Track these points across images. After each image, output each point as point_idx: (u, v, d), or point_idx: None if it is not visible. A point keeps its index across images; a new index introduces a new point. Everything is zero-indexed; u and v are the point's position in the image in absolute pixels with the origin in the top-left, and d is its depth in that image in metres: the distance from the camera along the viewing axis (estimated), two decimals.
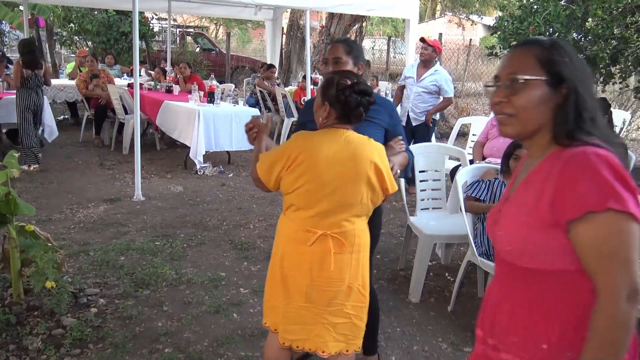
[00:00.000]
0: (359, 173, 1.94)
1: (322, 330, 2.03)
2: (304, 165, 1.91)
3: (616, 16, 4.31)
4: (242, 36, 24.65)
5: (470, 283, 3.77)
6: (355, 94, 1.93)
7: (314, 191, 1.93)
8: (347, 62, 2.32)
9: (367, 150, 1.97)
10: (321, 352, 2.05)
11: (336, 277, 1.99)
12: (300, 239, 1.99)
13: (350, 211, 1.98)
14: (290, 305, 2.05)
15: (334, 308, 2.01)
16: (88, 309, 3.15)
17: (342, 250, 1.98)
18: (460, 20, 19.89)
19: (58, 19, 13.28)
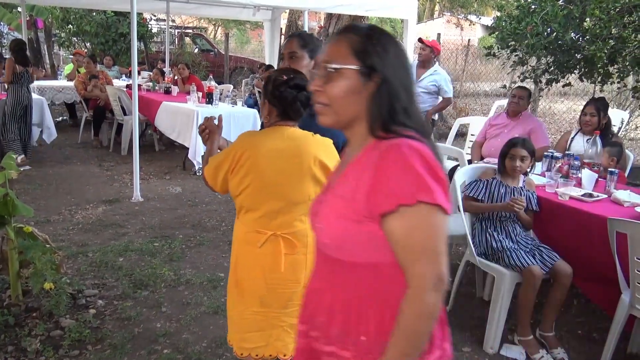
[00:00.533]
0: (302, 169, 1.92)
1: (281, 334, 2.00)
2: (247, 164, 1.90)
3: (614, 16, 4.31)
4: (240, 37, 24.62)
5: (468, 283, 3.77)
6: (291, 89, 1.91)
7: (259, 190, 1.92)
8: (302, 56, 2.26)
9: (311, 146, 1.93)
10: (282, 355, 2.03)
11: (290, 278, 1.96)
12: (251, 240, 1.96)
13: (299, 210, 1.94)
14: (246, 312, 2.00)
15: (291, 309, 1.96)
16: (87, 310, 3.15)
17: (294, 251, 1.95)
18: (458, 21, 19.90)
19: (56, 20, 13.27)
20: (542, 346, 2.96)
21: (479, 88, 12.34)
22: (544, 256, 2.93)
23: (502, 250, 2.98)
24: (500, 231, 3.09)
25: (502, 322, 2.97)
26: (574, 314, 3.43)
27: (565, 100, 10.03)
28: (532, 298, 2.89)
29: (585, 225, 2.88)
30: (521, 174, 3.18)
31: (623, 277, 2.65)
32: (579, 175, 3.43)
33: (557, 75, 5.08)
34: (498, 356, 2.94)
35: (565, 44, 4.53)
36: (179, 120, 6.66)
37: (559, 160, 3.63)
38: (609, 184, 3.25)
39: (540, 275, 2.84)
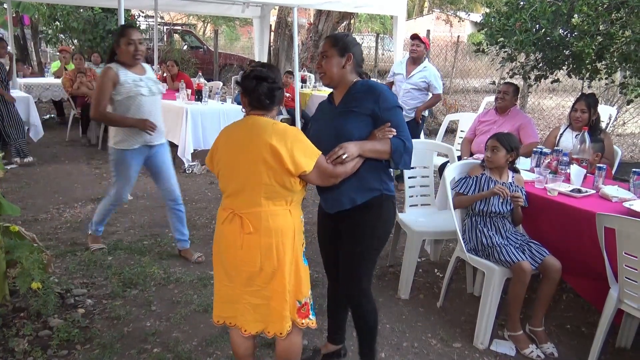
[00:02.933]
0: (255, 154, 2.05)
1: (243, 310, 2.18)
2: (219, 151, 2.16)
3: (601, 12, 4.33)
4: (230, 34, 24.50)
5: (459, 279, 3.79)
6: (250, 80, 2.10)
7: (225, 174, 2.14)
8: (332, 54, 2.34)
9: (266, 133, 2.05)
10: (243, 330, 2.20)
11: (247, 258, 2.11)
12: (220, 218, 2.18)
13: (254, 192, 2.08)
14: (220, 283, 2.23)
15: (252, 289, 2.14)
16: (75, 310, 3.12)
17: (249, 231, 2.08)
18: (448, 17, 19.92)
19: (43, 16, 13.11)
20: (531, 341, 2.98)
21: (469, 84, 12.39)
22: (534, 251, 2.95)
23: (492, 246, 3.00)
24: (490, 227, 3.10)
25: (492, 317, 2.98)
26: (563, 308, 3.45)
27: (554, 97, 10.09)
28: (522, 293, 2.91)
29: (574, 221, 2.90)
30: (509, 170, 3.18)
31: (611, 272, 2.68)
32: (568, 171, 3.46)
33: (545, 72, 5.10)
34: (488, 351, 2.96)
35: (554, 40, 4.55)
36: (168, 118, 6.60)
37: (548, 156, 3.65)
38: (597, 180, 3.27)
39: (529, 270, 2.86)
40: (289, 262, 2.14)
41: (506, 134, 3.21)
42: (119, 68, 3.50)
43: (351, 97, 2.32)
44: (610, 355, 2.94)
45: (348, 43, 2.34)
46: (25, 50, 13.98)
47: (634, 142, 8.75)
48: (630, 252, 2.48)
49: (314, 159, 2.10)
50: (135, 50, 3.45)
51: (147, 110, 3.60)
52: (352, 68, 2.35)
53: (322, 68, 2.37)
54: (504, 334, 3.06)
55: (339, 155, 2.14)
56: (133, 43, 3.42)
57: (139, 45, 3.45)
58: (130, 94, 3.50)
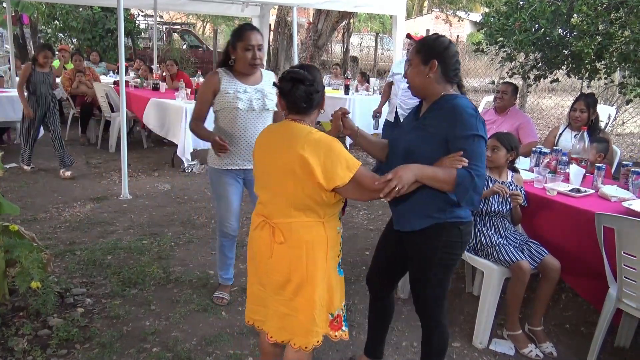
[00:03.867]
0: (286, 163, 1.96)
1: (272, 316, 2.12)
2: (255, 154, 2.12)
3: (601, 12, 4.34)
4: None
5: (458, 278, 3.79)
6: (286, 82, 1.98)
7: (258, 178, 2.11)
8: (416, 63, 2.12)
9: (298, 142, 1.93)
10: (269, 337, 2.14)
11: (276, 267, 2.05)
12: (253, 222, 2.14)
13: (283, 201, 2.00)
14: (253, 286, 2.19)
15: (281, 297, 2.08)
16: (74, 309, 3.12)
17: (280, 241, 2.01)
18: (447, 17, 19.96)
19: (42, 16, 13.11)
20: (530, 340, 2.98)
21: (468, 84, 12.36)
22: (533, 251, 2.95)
23: (491, 246, 3.00)
24: (489, 227, 3.10)
25: (491, 317, 2.99)
26: (562, 308, 3.46)
27: (553, 96, 10.09)
28: (521, 293, 2.91)
29: (573, 220, 2.90)
30: (509, 170, 3.19)
31: (610, 272, 2.68)
32: (567, 171, 3.46)
33: (545, 71, 5.11)
34: (487, 351, 2.96)
35: (553, 40, 4.56)
36: (168, 117, 6.62)
37: (547, 155, 3.65)
38: (596, 179, 3.27)
39: (528, 270, 2.86)
40: (321, 277, 2.04)
41: (506, 134, 3.22)
42: (224, 75, 2.98)
43: (432, 114, 2.11)
44: (609, 355, 2.94)
45: (433, 48, 2.09)
46: (25, 49, 13.96)
47: (633, 141, 8.75)
48: (629, 251, 2.48)
49: (352, 172, 1.93)
50: (253, 57, 2.87)
51: (242, 126, 2.99)
52: (439, 77, 2.08)
53: (407, 77, 2.18)
54: (503, 334, 3.07)
55: (391, 188, 1.90)
56: (251, 49, 2.85)
57: (258, 52, 2.88)
58: (226, 106, 2.95)
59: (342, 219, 2.18)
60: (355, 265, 4.00)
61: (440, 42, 2.12)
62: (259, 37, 2.89)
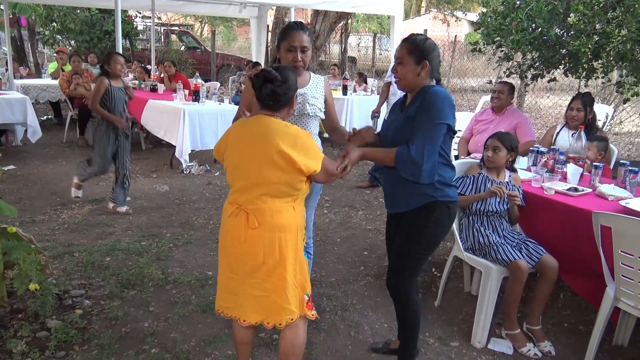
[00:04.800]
0: (265, 154, 2.12)
1: (244, 301, 2.23)
2: (228, 147, 2.22)
3: (597, 11, 4.35)
4: (227, 34, 24.49)
5: (456, 278, 3.80)
6: (258, 79, 2.15)
7: (232, 170, 2.21)
8: (408, 62, 2.34)
9: (277, 135, 2.12)
10: (242, 320, 2.26)
11: (249, 251, 2.17)
12: (226, 211, 2.24)
13: (260, 190, 2.15)
14: (223, 275, 2.28)
15: (253, 280, 2.20)
16: (73, 311, 3.12)
17: (256, 227, 2.14)
18: (445, 17, 19.97)
19: (40, 17, 13.10)
20: (529, 339, 2.99)
21: (466, 84, 12.40)
22: (530, 250, 2.96)
23: (489, 245, 3.00)
24: (487, 226, 3.11)
25: (490, 316, 2.99)
26: (560, 307, 3.46)
27: (551, 95, 10.10)
28: (519, 292, 2.92)
29: (571, 219, 2.90)
30: (506, 169, 3.19)
31: (608, 270, 2.68)
32: (564, 170, 3.47)
33: (542, 71, 5.11)
34: (486, 350, 2.96)
35: (550, 39, 4.56)
36: (166, 119, 6.62)
37: (545, 155, 3.66)
38: (593, 178, 3.28)
39: (526, 269, 2.86)
40: (292, 257, 2.20)
41: (506, 134, 3.22)
42: None
43: (415, 103, 2.34)
44: (607, 353, 2.95)
45: (425, 50, 2.33)
46: (22, 51, 13.95)
47: (631, 140, 8.77)
48: (627, 250, 2.48)
49: (321, 159, 2.20)
50: (294, 59, 2.64)
51: None
52: (427, 74, 2.35)
53: (398, 74, 2.39)
54: (501, 333, 3.07)
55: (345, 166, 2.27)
56: (294, 50, 2.63)
57: (301, 54, 2.65)
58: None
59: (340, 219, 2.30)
60: (353, 265, 4.00)
61: (430, 44, 2.35)
62: (305, 38, 2.64)
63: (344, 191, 5.99)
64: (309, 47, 2.66)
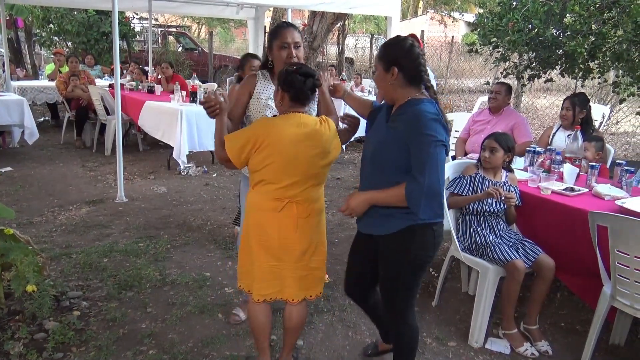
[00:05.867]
0: (316, 149, 2.26)
1: (292, 282, 2.38)
2: (270, 147, 2.21)
3: (593, 12, 4.36)
4: (224, 35, 24.49)
5: (453, 278, 3.80)
6: (300, 76, 2.24)
7: (282, 167, 2.24)
8: (379, 69, 2.17)
9: (322, 128, 2.29)
10: (292, 300, 2.41)
11: (302, 238, 2.34)
12: (270, 207, 2.30)
13: (312, 181, 2.32)
14: (265, 265, 2.34)
15: (301, 263, 2.37)
16: (71, 312, 3.12)
17: (306, 215, 2.33)
18: (442, 18, 19.99)
19: (37, 19, 13.08)
20: (526, 339, 3.00)
21: (463, 84, 12.42)
22: (527, 250, 2.96)
23: (486, 245, 3.01)
24: (484, 226, 3.12)
25: (487, 316, 3.00)
26: (557, 306, 3.47)
27: (548, 96, 10.13)
28: (516, 292, 2.92)
29: (567, 219, 2.92)
30: (503, 169, 3.20)
31: (604, 270, 2.69)
32: (561, 170, 3.48)
33: (538, 71, 5.13)
34: (483, 350, 2.97)
35: (546, 40, 4.58)
36: (163, 120, 6.61)
37: (541, 155, 3.67)
38: (590, 178, 3.29)
39: (523, 269, 2.87)
40: (325, 233, 2.48)
41: (503, 134, 3.23)
42: (260, 78, 2.73)
43: (398, 118, 2.11)
44: (604, 352, 2.96)
45: (392, 55, 2.09)
46: (20, 53, 13.93)
47: (628, 140, 8.80)
48: (623, 249, 2.49)
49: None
50: (289, 56, 2.56)
51: None
52: (402, 82, 2.08)
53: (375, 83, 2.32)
54: (498, 333, 3.08)
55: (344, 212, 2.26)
56: (287, 47, 2.57)
57: (295, 50, 2.58)
58: (255, 113, 2.70)
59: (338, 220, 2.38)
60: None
61: (399, 47, 2.08)
62: (296, 35, 2.59)
63: (342, 192, 5.99)
64: (302, 43, 2.62)
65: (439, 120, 2.01)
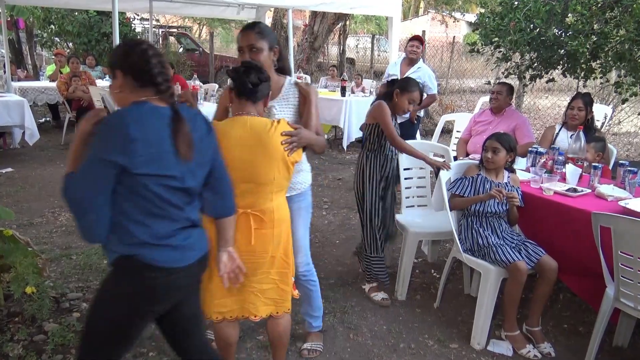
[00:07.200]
0: (269, 154, 2.14)
1: (252, 297, 2.28)
2: (229, 151, 2.09)
3: (595, 11, 4.34)
4: (225, 36, 24.50)
5: (456, 279, 3.78)
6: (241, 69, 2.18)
7: (237, 171, 2.09)
8: (262, 48, 2.34)
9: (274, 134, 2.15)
10: (253, 316, 2.30)
11: (259, 250, 2.20)
12: None
13: (266, 189, 2.18)
14: (218, 282, 2.09)
15: (260, 276, 2.25)
16: (70, 314, 3.10)
17: (262, 225, 2.19)
18: (443, 18, 19.96)
19: (38, 20, 13.09)
20: (528, 341, 2.98)
21: (465, 85, 12.40)
22: (530, 251, 2.94)
23: (488, 246, 2.99)
24: (486, 227, 3.10)
25: (489, 317, 2.98)
26: (559, 308, 3.45)
27: (550, 96, 10.10)
28: (518, 293, 2.90)
29: (570, 220, 2.89)
30: (505, 170, 3.18)
31: (607, 271, 2.67)
32: (563, 170, 3.46)
33: (540, 71, 5.10)
34: (485, 352, 2.95)
35: (548, 39, 4.56)
36: None
37: (544, 155, 3.65)
38: (592, 179, 3.27)
39: (525, 270, 2.85)
40: (290, 243, 2.34)
41: (504, 134, 3.21)
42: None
43: None
44: (607, 354, 2.94)
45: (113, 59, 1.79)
46: (20, 53, 13.93)
47: (630, 141, 8.76)
48: (626, 250, 2.47)
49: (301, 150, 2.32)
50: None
51: None
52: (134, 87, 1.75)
53: None
54: (501, 334, 3.06)
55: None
56: (242, 51, 2.42)
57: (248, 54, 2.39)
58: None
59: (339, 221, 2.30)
60: (352, 267, 3.99)
61: (120, 51, 1.77)
62: (252, 37, 2.37)
63: (343, 193, 5.98)
64: (263, 47, 2.38)
65: (121, 130, 1.61)
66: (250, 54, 2.37)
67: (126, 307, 1.75)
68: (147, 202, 1.68)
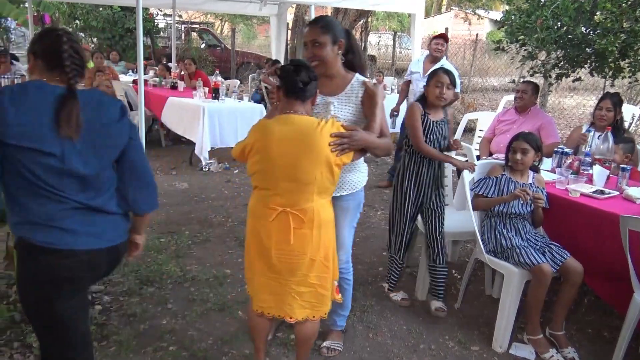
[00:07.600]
0: (311, 155, 2.11)
1: (289, 299, 2.26)
2: (260, 149, 2.15)
3: (625, 9, 4.25)
4: (247, 32, 24.59)
5: (477, 280, 3.74)
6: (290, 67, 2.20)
7: (270, 172, 2.15)
8: (325, 42, 2.33)
9: (321, 135, 2.12)
10: (289, 318, 2.28)
11: (297, 250, 2.18)
12: (263, 215, 2.19)
13: (307, 189, 2.14)
14: (262, 276, 2.26)
15: (298, 278, 2.22)
16: (92, 306, 3.13)
17: (302, 226, 2.16)
18: (466, 15, 19.74)
19: (63, 15, 13.26)
20: (552, 345, 2.92)
21: (488, 83, 12.25)
22: (554, 254, 2.89)
23: (512, 248, 2.94)
24: (510, 228, 3.05)
25: (512, 320, 2.93)
26: (584, 312, 3.38)
27: (575, 95, 9.93)
28: (542, 296, 2.85)
29: (597, 223, 2.83)
30: (529, 170, 3.13)
31: (635, 276, 2.61)
32: (590, 172, 3.38)
33: (567, 70, 5.02)
34: (507, 355, 2.91)
35: (576, 37, 4.47)
36: (186, 116, 6.65)
37: (570, 156, 3.57)
38: (620, 181, 3.20)
39: (550, 273, 2.80)
40: (332, 248, 2.30)
41: (530, 134, 3.16)
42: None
43: None
44: None
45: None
46: None
47: None
48: None
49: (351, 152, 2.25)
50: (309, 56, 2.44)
51: None
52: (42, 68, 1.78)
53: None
54: (523, 338, 3.01)
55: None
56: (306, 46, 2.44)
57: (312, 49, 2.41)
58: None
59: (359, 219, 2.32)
60: (372, 266, 3.97)
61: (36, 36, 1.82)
62: (316, 31, 2.38)
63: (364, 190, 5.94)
64: (327, 42, 2.37)
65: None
66: (313, 48, 2.39)
67: (32, 291, 1.76)
68: (28, 183, 1.66)
